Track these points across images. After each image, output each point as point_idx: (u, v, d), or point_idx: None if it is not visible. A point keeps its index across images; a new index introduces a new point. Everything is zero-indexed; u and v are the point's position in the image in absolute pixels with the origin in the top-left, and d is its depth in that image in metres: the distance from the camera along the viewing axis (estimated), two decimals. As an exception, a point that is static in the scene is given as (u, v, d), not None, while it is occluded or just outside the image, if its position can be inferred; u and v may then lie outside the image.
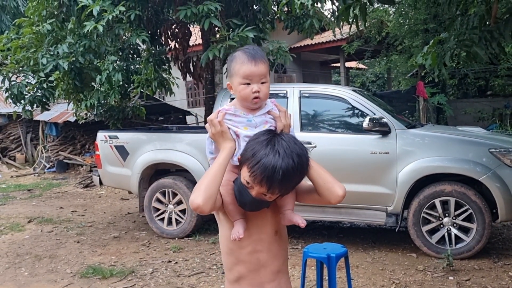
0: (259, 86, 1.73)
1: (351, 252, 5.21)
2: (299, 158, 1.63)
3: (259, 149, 1.61)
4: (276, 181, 1.60)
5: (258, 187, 1.63)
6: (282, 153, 1.60)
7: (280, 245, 1.89)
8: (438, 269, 4.68)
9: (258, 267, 1.83)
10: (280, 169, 1.58)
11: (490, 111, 11.98)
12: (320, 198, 1.77)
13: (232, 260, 1.85)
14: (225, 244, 1.86)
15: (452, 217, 4.94)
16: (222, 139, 1.73)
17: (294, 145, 1.65)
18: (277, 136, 1.66)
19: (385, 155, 5.06)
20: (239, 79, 1.74)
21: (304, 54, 15.85)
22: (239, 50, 1.80)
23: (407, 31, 11.62)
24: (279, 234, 1.88)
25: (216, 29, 6.62)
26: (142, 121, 11.42)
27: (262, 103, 1.79)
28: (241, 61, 1.74)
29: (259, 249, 1.82)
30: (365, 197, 5.17)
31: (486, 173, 4.79)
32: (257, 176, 1.60)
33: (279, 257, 1.89)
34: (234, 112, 1.77)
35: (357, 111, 5.36)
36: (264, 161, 1.58)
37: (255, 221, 1.81)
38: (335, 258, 3.79)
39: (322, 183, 1.73)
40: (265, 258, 1.83)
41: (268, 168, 1.58)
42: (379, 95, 11.56)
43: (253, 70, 1.72)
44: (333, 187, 1.73)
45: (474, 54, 3.80)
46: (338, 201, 1.74)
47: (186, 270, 4.88)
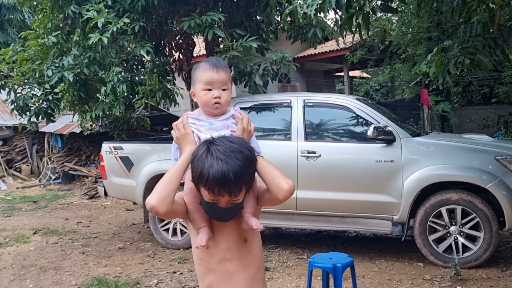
0: (219, 92, 1.80)
1: (357, 262, 5.17)
2: (240, 153, 1.65)
3: (202, 165, 1.63)
4: (231, 184, 1.62)
5: (221, 197, 1.66)
6: (223, 157, 1.62)
7: (251, 253, 1.88)
8: (445, 278, 4.63)
9: (228, 276, 1.82)
10: (229, 172, 1.60)
11: (495, 118, 11.93)
12: (270, 197, 1.79)
13: (203, 269, 1.86)
14: (196, 253, 1.88)
15: (459, 226, 4.90)
16: (185, 142, 1.79)
17: (231, 144, 1.67)
18: (212, 144, 1.67)
19: (390, 163, 5.04)
20: (201, 85, 1.82)
21: (308, 63, 15.89)
22: (202, 61, 1.88)
23: (410, 40, 11.64)
24: (249, 241, 1.87)
25: (220, 39, 6.65)
26: (147, 131, 11.44)
27: (223, 109, 1.85)
28: (203, 69, 1.83)
29: (228, 258, 1.82)
30: (370, 206, 5.15)
31: (492, 181, 4.75)
32: (214, 189, 1.62)
33: (252, 265, 1.87)
34: (197, 117, 1.84)
35: (361, 120, 5.35)
36: (212, 172, 1.60)
37: (221, 230, 1.81)
38: (341, 268, 3.77)
39: (270, 179, 1.76)
40: (235, 266, 1.82)
41: (219, 177, 1.59)
42: (383, 104, 11.54)
43: (214, 77, 1.80)
44: (280, 182, 1.74)
45: (478, 61, 3.80)
46: (284, 196, 1.75)
47: (191, 281, 4.86)
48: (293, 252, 5.63)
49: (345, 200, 5.23)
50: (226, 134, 1.81)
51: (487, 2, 3.72)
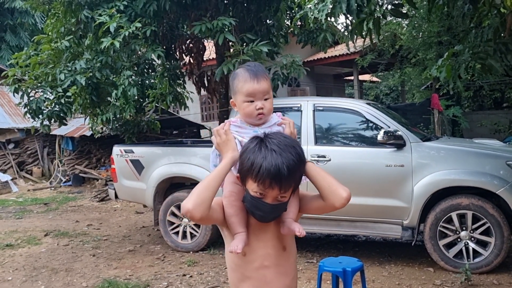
0: (262, 103, 1.77)
1: (367, 266, 5.16)
2: (294, 149, 1.64)
3: (255, 157, 1.61)
4: (284, 177, 1.60)
5: (270, 191, 1.62)
6: (277, 150, 1.60)
7: (288, 262, 1.84)
8: (456, 284, 4.60)
9: (264, 284, 1.77)
10: (283, 164, 1.58)
11: (506, 123, 11.84)
12: (324, 204, 1.74)
13: (238, 276, 1.81)
14: (231, 259, 1.82)
15: (469, 231, 4.87)
16: (226, 148, 1.75)
17: (284, 139, 1.66)
18: (265, 138, 1.66)
19: (400, 168, 5.03)
20: (242, 97, 1.78)
21: (318, 67, 15.89)
22: (240, 68, 1.83)
23: (421, 44, 11.59)
24: (288, 250, 1.83)
25: (230, 43, 6.71)
26: (157, 135, 11.52)
27: (266, 119, 1.82)
28: (243, 79, 1.77)
29: (266, 265, 1.77)
30: (380, 211, 5.14)
31: (503, 185, 4.72)
32: (266, 181, 1.59)
33: (288, 274, 1.83)
34: (240, 124, 1.81)
35: (372, 124, 5.34)
36: (265, 164, 1.58)
37: (261, 236, 1.77)
38: (351, 272, 3.77)
39: (327, 185, 1.71)
40: (272, 274, 1.78)
41: (272, 169, 1.57)
42: (393, 108, 11.50)
43: (256, 88, 1.76)
44: (338, 190, 1.70)
45: (489, 66, 3.79)
46: (342, 204, 1.70)
47: (201, 284, 4.88)
48: (303, 256, 5.63)
49: (355, 204, 5.20)
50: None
51: (498, 7, 3.71)
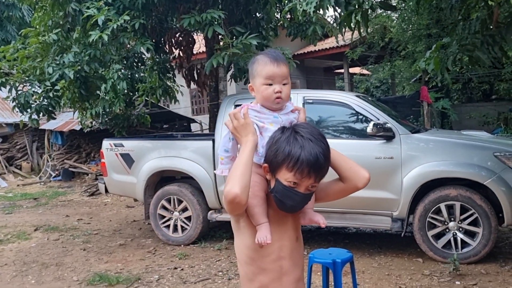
0: (281, 87, 1.76)
1: (357, 258, 5.20)
2: (324, 138, 1.67)
3: (291, 147, 1.60)
4: (321, 166, 1.62)
5: (306, 180, 1.62)
6: (313, 139, 1.62)
7: (300, 252, 1.84)
8: (444, 273, 4.66)
9: (281, 275, 1.76)
10: (321, 153, 1.60)
11: (495, 115, 11.95)
12: (345, 186, 1.75)
13: (253, 269, 1.75)
14: (245, 253, 1.77)
15: (458, 222, 4.93)
16: (245, 132, 1.69)
17: (314, 129, 1.69)
18: (297, 128, 1.66)
19: (389, 160, 5.07)
20: (261, 80, 1.76)
21: (308, 60, 15.89)
22: (260, 54, 1.83)
23: (410, 37, 11.65)
24: (300, 240, 1.84)
25: (220, 36, 6.67)
26: (147, 129, 11.47)
27: (284, 103, 1.80)
28: (263, 62, 1.77)
29: (282, 256, 1.76)
30: (370, 202, 5.17)
31: (491, 177, 4.78)
32: (304, 170, 1.59)
33: (300, 265, 1.84)
34: (259, 110, 1.78)
35: (361, 117, 5.37)
36: (304, 154, 1.58)
37: (277, 227, 1.74)
38: (340, 263, 3.79)
39: (348, 167, 1.74)
40: (288, 265, 1.77)
41: (311, 158, 1.58)
42: (383, 101, 11.56)
43: (275, 71, 1.75)
44: (360, 170, 1.73)
45: (477, 58, 3.82)
46: (365, 184, 1.73)
47: (192, 276, 4.89)
48: (294, 248, 5.66)
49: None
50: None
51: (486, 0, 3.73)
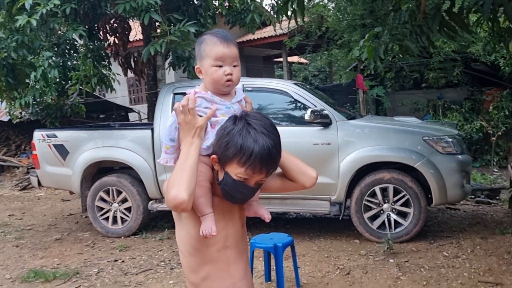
0: (231, 69, 1.65)
1: (297, 242, 5.34)
2: (276, 129, 1.60)
3: (244, 140, 1.51)
4: (274, 161, 1.56)
5: (258, 175, 1.56)
6: (266, 132, 1.53)
7: (245, 240, 1.81)
8: (379, 253, 4.90)
9: (228, 265, 1.71)
10: (273, 147, 1.53)
11: (425, 102, 12.55)
12: (293, 184, 1.73)
13: (198, 260, 1.69)
14: (189, 244, 1.69)
15: (391, 203, 5.18)
16: (193, 132, 1.58)
17: (266, 120, 1.59)
18: (249, 119, 1.56)
19: (327, 146, 5.22)
20: (210, 61, 1.65)
21: (247, 49, 15.92)
22: (208, 33, 1.71)
23: (346, 26, 11.93)
24: (244, 228, 1.80)
25: (157, 24, 6.53)
26: (82, 119, 11.04)
27: (234, 87, 1.71)
28: (212, 42, 1.65)
29: (228, 245, 1.71)
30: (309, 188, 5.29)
31: (421, 160, 5.05)
32: (256, 166, 1.52)
33: (245, 252, 1.81)
34: (210, 98, 1.66)
35: (299, 104, 5.48)
36: (257, 148, 1.50)
37: (222, 216, 1.68)
38: (281, 247, 3.89)
39: (296, 168, 1.70)
40: (233, 254, 1.73)
41: (264, 153, 1.50)
42: (321, 89, 11.83)
43: (225, 52, 1.64)
44: (307, 171, 1.71)
45: (406, 47, 4.00)
46: (312, 184, 1.71)
47: (133, 268, 4.81)
48: (236, 235, 5.71)
49: None
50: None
51: (415, -9, 3.91)
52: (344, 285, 4.15)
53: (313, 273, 4.47)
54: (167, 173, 5.47)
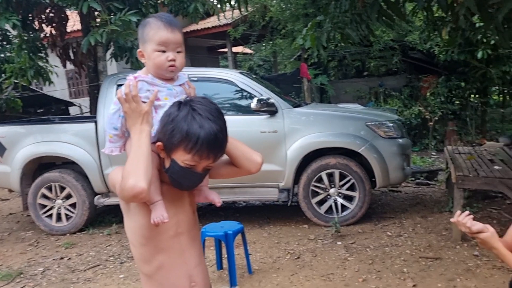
0: (175, 55, 1.62)
1: (248, 230, 5.39)
2: (222, 114, 1.57)
3: (189, 127, 1.48)
4: (220, 145, 1.53)
5: (205, 161, 1.53)
6: (212, 117, 1.50)
7: (197, 225, 1.79)
8: (327, 236, 5.04)
9: (182, 252, 1.68)
10: (220, 132, 1.50)
11: (367, 89, 12.96)
12: (238, 170, 1.71)
13: (150, 249, 1.65)
14: (139, 234, 1.65)
15: (337, 188, 5.33)
16: (141, 119, 1.55)
17: (211, 105, 1.56)
18: (194, 104, 1.53)
19: (273, 133, 5.28)
20: (153, 46, 1.61)
21: (191, 39, 15.73)
22: (152, 16, 1.66)
23: (289, 16, 12.07)
24: (195, 214, 1.78)
25: (96, 13, 6.31)
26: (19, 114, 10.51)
27: (177, 73, 1.68)
28: (156, 26, 1.61)
29: (180, 232, 1.68)
30: (257, 176, 5.27)
31: (364, 144, 5.23)
32: (203, 152, 1.49)
33: (198, 238, 1.79)
34: (151, 81, 1.62)
35: (246, 93, 5.50)
36: (203, 134, 1.47)
37: (172, 202, 1.65)
38: (232, 235, 3.92)
39: (241, 154, 1.67)
40: (186, 241, 1.70)
41: (210, 139, 1.47)
42: (266, 78, 11.92)
43: (169, 37, 1.60)
44: (252, 156, 1.69)
45: (347, 35, 4.11)
46: (258, 169, 1.70)
47: (81, 265, 4.69)
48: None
49: None
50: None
51: (354, -20, 4.01)
52: (294, 269, 4.25)
53: (264, 259, 4.54)
54: (113, 166, 5.34)
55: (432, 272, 4.03)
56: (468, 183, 4.79)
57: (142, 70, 1.69)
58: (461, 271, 3.99)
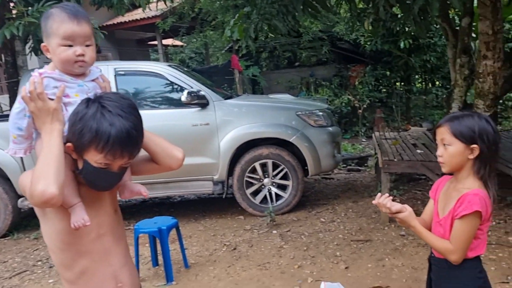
0: (83, 49, 1.50)
1: (183, 224, 5.34)
2: (135, 110, 1.49)
3: (99, 125, 1.39)
4: (135, 143, 1.46)
5: (119, 160, 1.45)
6: (123, 114, 1.42)
7: (121, 225, 1.73)
8: (263, 226, 5.10)
9: (105, 254, 1.61)
10: (133, 129, 1.42)
11: (298, 80, 13.22)
12: (159, 167, 1.66)
13: (71, 255, 1.57)
14: (58, 239, 1.56)
15: (271, 178, 5.40)
16: (50, 118, 1.44)
17: (123, 100, 1.47)
18: (103, 101, 1.44)
19: (206, 126, 5.24)
20: (58, 40, 1.49)
21: (119, 32, 15.19)
22: (56, 7, 1.53)
23: (219, 7, 12.00)
24: (118, 212, 1.72)
25: (11, 4, 5.93)
26: None
27: (87, 68, 1.57)
28: (60, 19, 1.48)
29: (102, 233, 1.60)
30: (191, 169, 5.29)
31: (295, 134, 5.33)
32: (116, 151, 1.41)
33: (123, 237, 1.73)
34: (59, 77, 1.51)
35: (176, 86, 5.41)
36: (114, 132, 1.39)
37: (91, 203, 1.57)
38: (166, 230, 3.86)
39: (161, 150, 1.62)
40: (110, 242, 1.63)
41: (123, 136, 1.40)
42: (198, 71, 11.81)
43: (75, 30, 1.48)
44: (173, 152, 1.64)
45: (274, 26, 4.15)
46: (179, 165, 1.65)
47: (5, 272, 4.42)
48: (119, 225, 5.52)
49: None
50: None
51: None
52: (231, 261, 4.26)
53: (200, 253, 4.52)
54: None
55: (363, 253, 4.20)
56: (393, 167, 5.03)
57: (49, 65, 1.57)
58: (389, 251, 4.19)
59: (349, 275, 3.79)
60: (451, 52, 5.79)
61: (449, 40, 5.78)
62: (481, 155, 1.70)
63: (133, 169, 1.65)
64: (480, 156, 1.70)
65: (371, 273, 3.79)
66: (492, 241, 4.21)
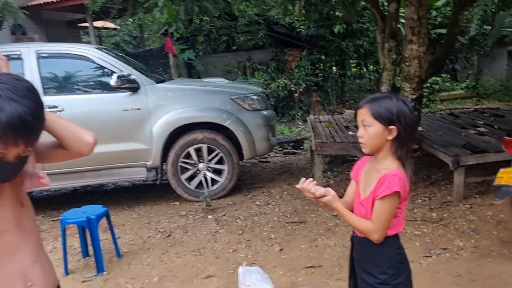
0: None
1: (116, 212, 5.19)
2: (32, 93, 1.35)
3: None
4: (30, 129, 1.32)
5: (14, 149, 1.32)
6: (15, 97, 1.28)
7: (30, 218, 1.60)
8: (198, 211, 5.06)
9: (12, 251, 1.48)
10: (28, 114, 1.29)
11: (235, 64, 13.16)
12: (68, 152, 1.57)
13: None
14: None
15: (206, 162, 5.35)
16: None
17: (18, 82, 1.34)
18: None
19: (137, 111, 5.08)
20: None
21: (46, 12, 14.36)
22: None
23: (152, -12, 11.66)
24: (26, 205, 1.58)
25: None
26: None
27: None
28: None
29: (6, 229, 1.47)
30: (123, 155, 5.14)
31: (230, 118, 5.29)
32: (8, 138, 1.28)
33: (33, 232, 1.60)
34: None
35: (106, 70, 5.19)
36: (4, 117, 1.25)
37: None
38: (95, 219, 3.73)
39: (68, 134, 1.53)
40: (16, 238, 1.49)
41: (15, 122, 1.26)
42: (132, 54, 11.44)
43: None
44: (83, 136, 1.55)
45: (205, 8, 4.06)
46: (90, 150, 1.57)
47: None
48: (47, 215, 5.28)
49: (97, 153, 4.96)
50: None
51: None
52: (165, 247, 4.19)
53: (134, 241, 4.41)
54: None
55: (297, 235, 4.27)
56: (326, 149, 5.15)
57: None
58: (322, 231, 4.30)
59: (283, 257, 3.85)
60: (380, 36, 5.95)
61: (378, 25, 5.94)
62: (399, 136, 1.75)
63: (39, 156, 1.54)
64: (397, 137, 1.75)
65: (304, 254, 3.87)
66: (417, 217, 4.43)
